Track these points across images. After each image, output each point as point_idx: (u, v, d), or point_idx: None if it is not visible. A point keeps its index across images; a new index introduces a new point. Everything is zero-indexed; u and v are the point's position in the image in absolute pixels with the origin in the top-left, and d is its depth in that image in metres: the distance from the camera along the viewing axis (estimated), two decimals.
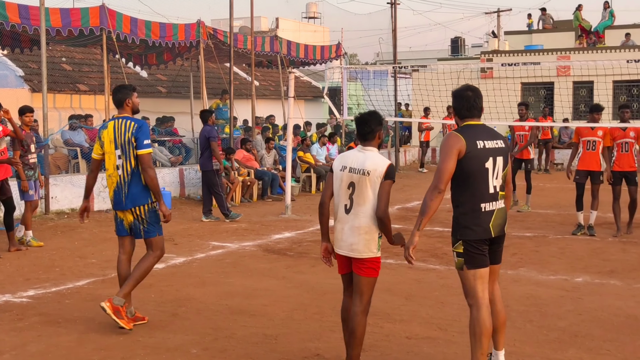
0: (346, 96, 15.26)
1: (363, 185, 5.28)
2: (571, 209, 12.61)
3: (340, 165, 5.43)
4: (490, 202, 5.12)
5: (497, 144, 5.19)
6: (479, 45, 46.65)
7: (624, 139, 11.47)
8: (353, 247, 5.34)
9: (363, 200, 5.29)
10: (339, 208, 5.44)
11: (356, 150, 5.48)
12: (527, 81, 24.34)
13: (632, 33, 26.10)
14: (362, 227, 5.30)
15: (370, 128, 5.41)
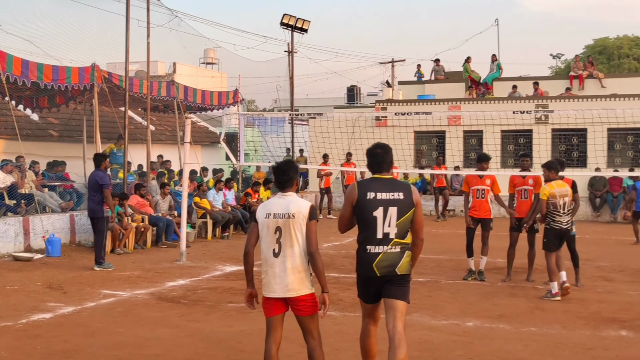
0: (243, 142, 15.24)
1: (289, 228, 5.60)
2: (463, 255, 12.93)
3: (265, 213, 5.70)
4: (376, 246, 5.73)
5: (393, 195, 5.73)
6: (374, 94, 47.73)
7: (523, 186, 11.90)
8: (289, 287, 5.62)
9: (291, 242, 5.61)
10: (267, 253, 5.70)
11: (277, 197, 5.78)
12: (420, 129, 25.01)
13: (519, 85, 27.28)
14: (295, 267, 5.61)
15: (288, 176, 5.77)
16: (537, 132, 23.97)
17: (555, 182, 10.64)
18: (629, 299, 10.48)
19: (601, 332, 8.45)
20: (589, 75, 27.84)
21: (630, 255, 14.97)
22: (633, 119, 19.37)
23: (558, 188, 10.53)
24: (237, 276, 12.30)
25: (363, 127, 23.77)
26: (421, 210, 5.93)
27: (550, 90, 26.85)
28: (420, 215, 5.89)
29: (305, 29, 23.71)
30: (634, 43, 52.87)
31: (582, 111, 17.19)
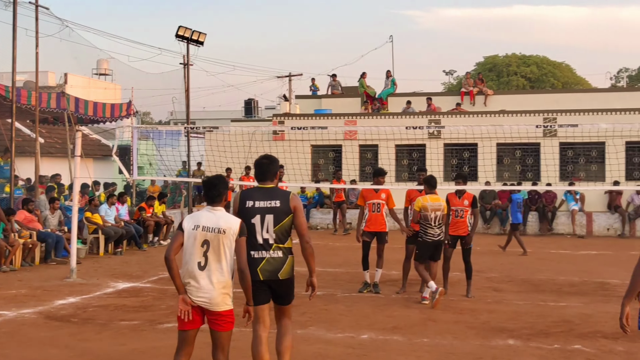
0: (136, 155, 14.94)
1: (219, 243, 5.65)
2: (358, 267, 13.07)
3: (193, 225, 5.72)
4: (259, 251, 6.18)
5: (270, 203, 6.22)
6: (272, 107, 47.89)
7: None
8: (212, 301, 5.66)
9: (219, 257, 5.66)
10: (191, 265, 5.67)
11: (206, 210, 5.82)
12: (316, 143, 25.21)
13: (413, 101, 27.89)
14: (220, 281, 5.65)
15: (218, 191, 5.84)
16: (430, 147, 24.57)
17: (430, 196, 11.09)
18: (516, 308, 10.83)
19: (490, 342, 8.69)
20: (479, 92, 28.79)
21: (517, 266, 15.50)
22: (520, 134, 20.16)
23: (431, 202, 11.01)
24: (130, 293, 12.02)
25: (260, 140, 23.77)
26: (301, 214, 6.34)
27: (443, 106, 27.59)
28: (300, 219, 6.30)
29: (201, 41, 23.49)
30: (521, 61, 55.08)
31: (472, 127, 17.73)
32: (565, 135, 22.84)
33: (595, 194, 23.20)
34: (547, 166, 22.52)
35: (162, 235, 19.49)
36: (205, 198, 5.91)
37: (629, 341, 8.35)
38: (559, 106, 25.47)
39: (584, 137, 21.21)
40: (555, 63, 56.09)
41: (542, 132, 23.52)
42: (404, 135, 20.85)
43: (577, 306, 11.01)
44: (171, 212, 21.92)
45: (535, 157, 24.54)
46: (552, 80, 53.19)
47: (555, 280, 13.64)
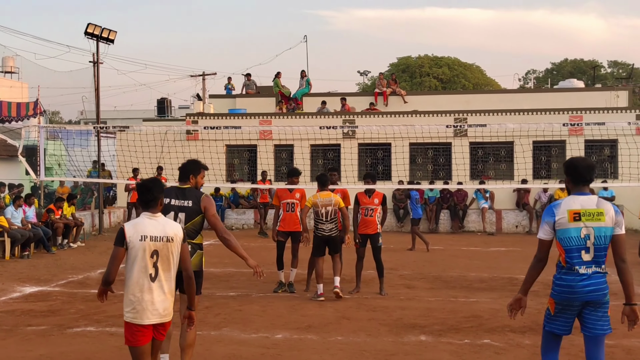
0: (43, 156, 14.50)
1: (168, 251, 5.50)
2: (273, 267, 13.01)
3: (139, 236, 5.44)
4: None
5: (183, 203, 6.89)
6: (186, 107, 47.30)
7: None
8: (166, 312, 5.54)
9: (169, 266, 5.53)
10: (142, 279, 5.45)
11: (145, 218, 5.55)
12: (230, 143, 25.03)
13: (327, 101, 28.02)
14: (171, 290, 5.57)
15: (153, 195, 5.59)
16: (344, 147, 24.76)
17: (321, 192, 11.46)
18: (428, 305, 11.02)
19: (403, 338, 8.81)
20: (393, 92, 29.16)
21: (429, 263, 15.78)
22: (431, 134, 20.52)
23: (322, 198, 11.40)
24: (37, 297, 11.65)
25: (173, 140, 23.44)
26: (212, 211, 6.93)
27: (357, 106, 27.82)
28: (211, 218, 6.90)
29: (112, 39, 22.96)
30: (434, 62, 56.15)
31: (385, 127, 17.97)
32: (475, 135, 23.39)
33: (504, 192, 23.86)
34: (457, 165, 23.01)
35: (72, 237, 18.97)
36: (141, 203, 5.66)
37: (536, 334, 8.60)
38: (469, 107, 26.07)
39: (493, 137, 21.77)
40: (466, 65, 57.44)
41: (453, 132, 24.01)
42: (318, 135, 20.94)
43: (486, 302, 11.28)
44: (81, 214, 21.37)
45: (447, 157, 25.04)
46: (463, 82, 54.44)
47: (466, 277, 13.94)
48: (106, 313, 10.31)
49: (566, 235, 5.47)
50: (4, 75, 39.46)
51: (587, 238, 5.43)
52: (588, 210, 5.47)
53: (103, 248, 18.67)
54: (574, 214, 5.46)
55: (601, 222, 5.44)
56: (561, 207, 5.53)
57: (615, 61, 68.41)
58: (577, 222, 5.44)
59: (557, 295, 5.53)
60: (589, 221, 5.43)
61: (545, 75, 64.70)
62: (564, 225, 5.48)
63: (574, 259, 5.45)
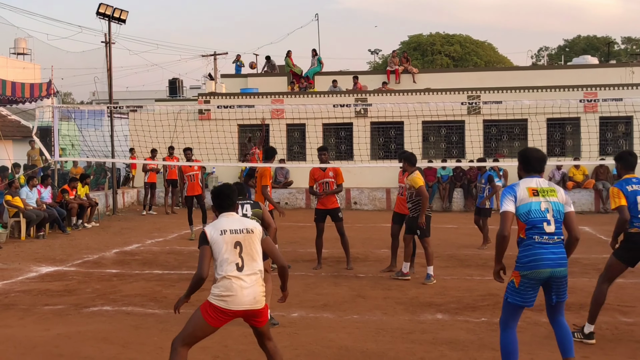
0: (57, 136, 14.51)
1: (251, 242, 5.72)
2: (287, 247, 13.03)
3: (218, 231, 5.69)
4: None
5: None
6: (197, 87, 47.26)
7: (324, 179, 12.22)
8: (257, 299, 5.66)
9: (253, 257, 5.72)
10: (230, 268, 5.60)
11: (223, 218, 5.84)
12: (243, 123, 24.98)
13: (339, 79, 27.91)
14: (260, 280, 5.71)
15: (232, 201, 5.95)
16: (357, 125, 24.65)
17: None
18: (444, 283, 11.00)
19: (419, 317, 8.80)
20: (405, 70, 29.01)
21: (444, 242, 15.70)
22: (445, 112, 20.40)
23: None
24: (53, 277, 11.71)
25: (186, 120, 23.43)
26: None
27: (369, 85, 27.70)
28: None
29: (123, 19, 22.90)
30: (445, 40, 55.74)
31: (399, 105, 17.85)
32: (489, 112, 23.22)
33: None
34: (471, 143, 22.88)
35: (86, 217, 19.04)
36: (218, 208, 5.95)
37: None
38: (482, 84, 25.87)
39: (507, 115, 21.60)
40: (478, 42, 56.98)
41: (467, 109, 23.87)
42: (331, 114, 20.88)
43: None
44: (95, 194, 21.43)
45: (460, 135, 24.91)
46: (475, 59, 54.04)
47: (481, 255, 13.90)
48: (122, 292, 10.36)
49: (528, 209, 5.79)
50: (16, 56, 39.51)
51: (547, 211, 5.78)
52: (543, 187, 5.89)
53: (117, 228, 18.74)
54: (532, 190, 5.85)
55: (555, 198, 5.86)
56: (520, 186, 5.91)
57: (629, 37, 67.82)
58: (536, 196, 5.81)
59: (525, 267, 5.79)
60: (546, 196, 5.83)
61: (558, 52, 64.23)
62: (525, 200, 5.80)
63: (537, 231, 5.76)
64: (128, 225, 19.57)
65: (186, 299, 5.91)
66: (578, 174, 23.28)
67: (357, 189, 23.99)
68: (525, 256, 5.78)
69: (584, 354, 7.20)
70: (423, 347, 7.48)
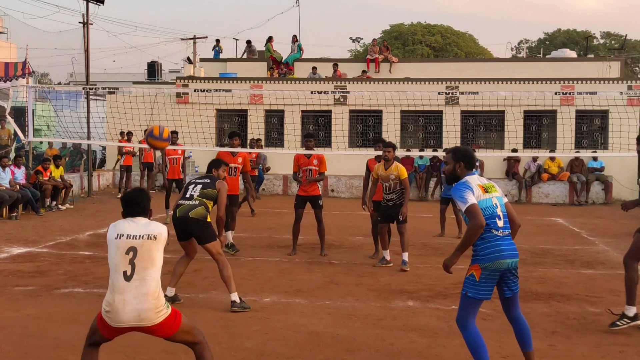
0: (31, 116, 14.37)
1: (149, 250, 5.19)
2: (262, 232, 12.98)
3: (116, 233, 5.24)
4: (182, 200, 8.76)
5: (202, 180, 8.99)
6: (177, 70, 46.98)
7: (308, 166, 12.23)
8: (142, 316, 5.06)
9: (152, 264, 5.23)
10: (116, 277, 5.15)
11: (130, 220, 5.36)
12: (221, 107, 24.88)
13: (319, 67, 27.87)
14: (152, 294, 5.11)
15: (142, 208, 5.41)
16: (335, 113, 24.66)
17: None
18: (416, 271, 11.06)
19: (390, 304, 8.85)
20: (385, 59, 29.03)
21: (418, 230, 15.77)
22: (422, 102, 20.47)
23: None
24: (25, 258, 11.63)
25: (163, 103, 23.30)
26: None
27: (349, 73, 27.70)
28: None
29: (102, 0, 22.72)
30: (426, 30, 55.84)
31: (377, 93, 17.89)
32: (466, 103, 23.35)
33: (495, 160, 23.86)
34: (448, 133, 22.98)
35: (60, 199, 18.90)
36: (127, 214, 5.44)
37: (522, 301, 8.64)
38: (461, 75, 25.97)
39: (485, 106, 21.75)
40: (458, 33, 57.15)
41: (445, 99, 23.95)
42: (309, 100, 20.86)
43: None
44: (70, 176, 21.28)
45: (438, 125, 24.99)
46: (455, 50, 54.21)
47: (454, 244, 13.88)
48: (94, 275, 10.31)
49: (484, 205, 5.83)
50: None
51: (496, 206, 5.91)
52: (486, 184, 6.01)
53: (91, 210, 18.64)
54: (482, 187, 5.93)
55: (498, 193, 6.02)
56: (471, 182, 5.93)
57: (608, 32, 68.24)
58: (486, 193, 5.91)
59: (486, 259, 5.81)
60: (491, 192, 5.95)
61: (538, 45, 64.52)
62: (480, 197, 5.85)
63: (493, 225, 5.83)
64: (103, 207, 19.45)
65: None
66: (553, 166, 23.46)
67: (334, 177, 24.01)
68: (486, 248, 5.80)
69: (550, 342, 7.29)
70: (393, 333, 7.52)
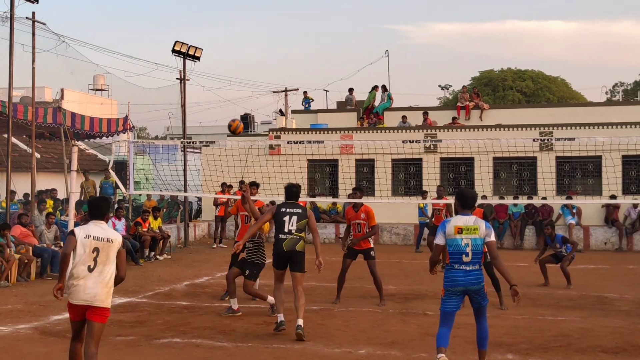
0: (132, 170, 14.90)
1: (108, 250, 6.91)
2: (356, 282, 12.94)
3: (84, 234, 6.86)
4: (284, 235, 9.83)
5: (294, 210, 9.98)
6: (268, 122, 47.88)
7: (356, 220, 12.36)
8: (97, 297, 6.83)
9: (109, 261, 6.94)
10: (81, 267, 6.82)
11: (92, 224, 7.02)
12: (312, 158, 25.17)
13: (409, 115, 27.91)
14: (107, 282, 6.92)
15: (100, 211, 7.10)
16: (427, 161, 24.54)
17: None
18: (514, 322, 10.79)
19: (489, 357, 8.63)
20: (475, 106, 28.84)
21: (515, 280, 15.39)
22: (517, 148, 20.17)
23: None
24: (125, 308, 11.95)
25: (257, 155, 23.76)
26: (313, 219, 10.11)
27: (439, 120, 27.61)
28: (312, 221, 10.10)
29: (198, 56, 23.51)
30: (517, 76, 55.19)
31: (469, 141, 17.73)
32: (562, 149, 22.86)
33: (592, 207, 23.20)
34: (544, 180, 22.50)
35: (159, 250, 19.41)
36: (90, 216, 7.11)
37: (630, 356, 8.32)
38: (555, 120, 25.50)
39: (581, 151, 21.25)
40: (550, 77, 56.23)
41: (539, 146, 23.53)
42: (400, 149, 20.86)
43: (575, 320, 10.97)
44: (167, 227, 21.85)
45: (532, 171, 24.54)
46: (547, 95, 53.30)
47: (553, 294, 13.59)
48: (192, 325, 10.50)
49: (452, 243, 7.59)
50: (94, 92, 40.86)
51: (467, 246, 7.54)
52: (468, 226, 7.58)
53: (188, 261, 19.04)
54: (458, 228, 7.58)
55: (476, 235, 7.57)
56: (450, 223, 7.65)
57: None
58: (460, 234, 7.55)
59: (447, 284, 7.66)
60: (468, 234, 7.55)
61: (634, 87, 62.79)
62: (451, 236, 7.59)
63: (457, 260, 7.57)
64: (199, 257, 19.85)
65: (60, 283, 6.95)
66: None
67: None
68: (448, 277, 7.64)
69: None
70: None
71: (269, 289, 11.86)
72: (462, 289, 7.58)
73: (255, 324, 10.62)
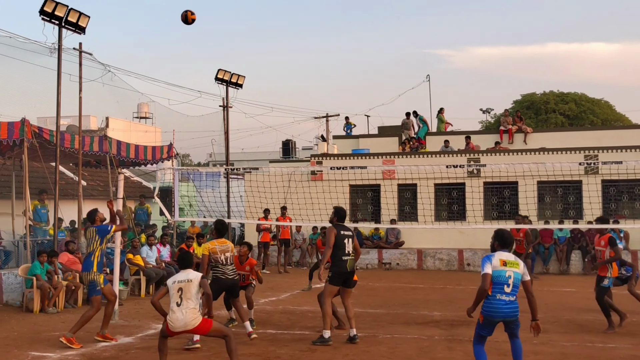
0: (177, 197, 15.05)
1: (189, 288, 8.74)
2: (399, 308, 12.85)
3: (172, 280, 8.95)
4: (346, 256, 11.07)
5: (349, 232, 11.27)
6: (310, 148, 48.07)
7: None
8: (187, 323, 8.61)
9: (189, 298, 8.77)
10: (173, 305, 8.70)
11: (181, 272, 9.07)
12: (355, 183, 25.17)
13: (451, 140, 27.83)
14: (193, 311, 8.68)
15: (188, 263, 9.47)
16: (470, 186, 24.37)
17: (218, 240, 11.95)
18: (563, 349, 10.60)
19: None
20: (518, 130, 28.62)
21: (562, 306, 15.19)
22: (562, 172, 19.92)
23: (219, 245, 11.81)
24: None
25: (299, 181, 23.85)
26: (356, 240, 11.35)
27: (481, 144, 27.45)
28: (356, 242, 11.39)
29: (240, 84, 23.81)
30: (559, 99, 54.63)
31: (513, 165, 17.58)
32: (608, 172, 22.53)
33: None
34: (590, 204, 22.16)
35: None
36: (179, 267, 9.33)
37: None
38: (600, 143, 25.14)
39: (628, 174, 20.91)
40: (593, 100, 55.52)
41: (584, 169, 23.23)
42: (443, 174, 20.77)
43: (626, 347, 10.73)
44: None
45: (577, 195, 24.20)
46: (591, 117, 52.62)
47: (603, 321, 13.28)
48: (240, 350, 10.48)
49: (497, 274, 8.05)
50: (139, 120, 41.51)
51: (510, 277, 8.06)
52: (510, 260, 8.19)
53: None
54: (503, 261, 8.14)
55: (517, 269, 8.14)
56: (496, 257, 8.17)
57: None
58: (504, 267, 8.10)
59: (487, 312, 8.08)
60: (511, 267, 8.12)
61: None
62: (497, 268, 8.08)
63: (499, 290, 8.03)
64: None
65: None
66: None
67: (470, 250, 23.62)
68: (488, 306, 8.07)
69: None
70: None
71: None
72: (501, 320, 8.10)
73: (301, 350, 10.59)
